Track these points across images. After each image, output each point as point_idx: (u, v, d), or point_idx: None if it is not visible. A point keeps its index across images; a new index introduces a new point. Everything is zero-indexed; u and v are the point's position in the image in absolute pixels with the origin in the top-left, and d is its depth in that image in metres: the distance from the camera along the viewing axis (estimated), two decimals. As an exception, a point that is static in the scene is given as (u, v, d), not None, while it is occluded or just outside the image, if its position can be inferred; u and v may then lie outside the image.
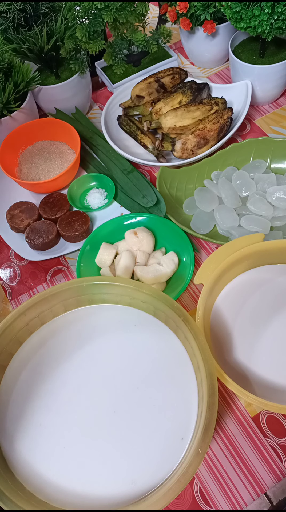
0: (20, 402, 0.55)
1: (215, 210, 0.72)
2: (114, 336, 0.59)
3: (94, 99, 0.97)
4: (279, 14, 0.69)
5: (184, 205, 0.76)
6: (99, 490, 0.49)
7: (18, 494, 0.47)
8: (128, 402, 0.54)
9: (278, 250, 0.62)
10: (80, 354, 0.58)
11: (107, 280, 0.58)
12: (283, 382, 0.56)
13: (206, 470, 0.56)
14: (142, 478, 0.49)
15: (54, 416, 0.54)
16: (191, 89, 0.83)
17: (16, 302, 0.73)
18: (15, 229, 0.76)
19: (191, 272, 0.67)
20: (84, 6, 0.78)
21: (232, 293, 0.64)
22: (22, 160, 0.82)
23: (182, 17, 0.84)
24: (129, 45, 0.89)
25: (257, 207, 0.70)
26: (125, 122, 0.85)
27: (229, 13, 0.74)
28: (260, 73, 0.81)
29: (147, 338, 0.58)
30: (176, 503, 0.55)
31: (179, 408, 0.53)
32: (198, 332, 0.52)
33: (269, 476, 0.55)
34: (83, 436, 0.53)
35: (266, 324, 0.61)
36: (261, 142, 0.77)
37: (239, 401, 0.60)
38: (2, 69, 0.76)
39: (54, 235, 0.73)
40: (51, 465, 0.51)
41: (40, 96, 0.86)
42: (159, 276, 0.67)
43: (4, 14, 0.78)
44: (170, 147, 0.79)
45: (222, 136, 0.78)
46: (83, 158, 0.84)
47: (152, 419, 0.53)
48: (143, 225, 0.73)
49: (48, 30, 0.79)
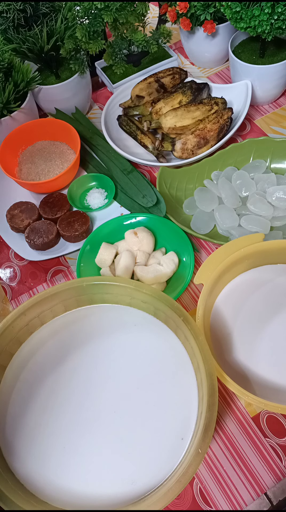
0: (20, 402, 0.55)
1: (215, 210, 0.72)
2: (114, 336, 0.59)
3: (94, 99, 0.97)
4: (279, 14, 0.69)
5: (184, 205, 0.76)
6: (99, 490, 0.49)
7: (18, 494, 0.47)
8: (128, 402, 0.54)
9: (278, 250, 0.62)
10: (80, 354, 0.58)
11: (107, 280, 0.58)
12: (283, 382, 0.56)
13: (206, 470, 0.56)
14: (142, 478, 0.49)
15: (54, 416, 0.54)
16: (191, 89, 0.83)
17: (16, 302, 0.73)
18: (15, 229, 0.76)
19: (191, 272, 0.67)
20: (84, 6, 0.78)
21: (232, 293, 0.64)
22: (22, 160, 0.82)
23: (182, 17, 0.84)
24: (129, 45, 0.89)
25: (257, 207, 0.70)
26: (125, 122, 0.85)
27: (229, 13, 0.74)
28: (260, 73, 0.81)
29: (147, 338, 0.58)
30: (176, 503, 0.55)
31: (179, 408, 0.53)
32: (198, 332, 0.52)
33: (269, 476, 0.55)
34: (83, 436, 0.53)
35: (266, 324, 0.61)
36: (261, 142, 0.77)
37: (239, 401, 0.60)
38: (2, 69, 0.76)
39: (54, 235, 0.73)
40: (51, 465, 0.51)
41: (40, 96, 0.86)
42: (159, 276, 0.67)
43: (4, 14, 0.78)
44: (170, 147, 0.79)
45: (222, 136, 0.78)
46: (83, 158, 0.84)
47: (152, 419, 0.53)
48: (143, 225, 0.73)
49: (48, 30, 0.79)
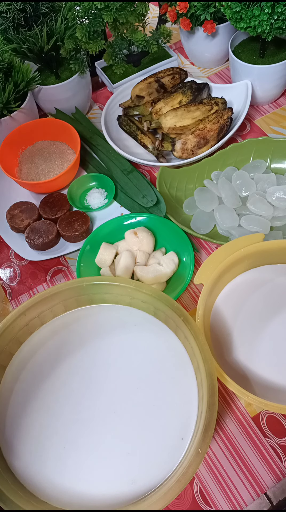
0: (20, 402, 0.55)
1: (215, 210, 0.72)
2: (114, 336, 0.59)
3: (94, 99, 0.97)
4: (279, 14, 0.69)
5: (184, 205, 0.76)
6: (99, 490, 0.49)
7: (18, 494, 0.47)
8: (128, 402, 0.54)
9: (278, 250, 0.62)
10: (80, 354, 0.58)
11: (107, 280, 0.58)
12: (283, 382, 0.56)
13: (206, 470, 0.56)
14: (142, 478, 0.49)
15: (54, 416, 0.54)
16: (191, 89, 0.83)
17: (16, 302, 0.73)
18: (15, 229, 0.76)
19: (191, 272, 0.67)
20: (84, 6, 0.78)
21: (232, 293, 0.64)
22: (22, 160, 0.82)
23: (182, 17, 0.84)
24: (129, 45, 0.89)
25: (257, 207, 0.70)
26: (125, 122, 0.85)
27: (229, 13, 0.74)
28: (260, 73, 0.81)
29: (147, 338, 0.58)
30: (176, 503, 0.55)
31: (179, 408, 0.53)
32: (198, 332, 0.52)
33: (269, 476, 0.55)
34: (83, 436, 0.53)
35: (266, 324, 0.61)
36: (261, 142, 0.77)
37: (239, 401, 0.60)
38: (2, 69, 0.76)
39: (54, 235, 0.73)
40: (51, 465, 0.51)
41: (40, 96, 0.86)
42: (159, 276, 0.67)
43: (4, 14, 0.78)
44: (170, 147, 0.79)
45: (222, 136, 0.78)
46: (83, 158, 0.84)
47: (152, 419, 0.53)
48: (143, 225, 0.73)
49: (48, 30, 0.79)
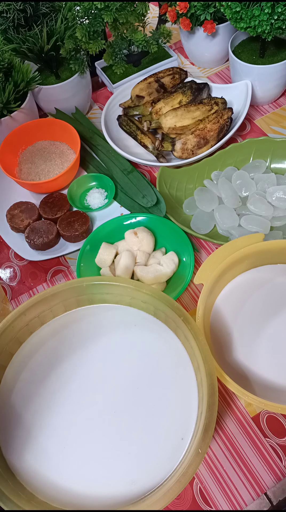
0: (20, 402, 0.55)
1: (215, 210, 0.72)
2: (114, 336, 0.59)
3: (94, 99, 0.97)
4: (279, 14, 0.69)
5: (184, 205, 0.76)
6: (99, 490, 0.49)
7: (18, 494, 0.47)
8: (128, 402, 0.54)
9: (278, 250, 0.62)
10: (80, 354, 0.58)
11: (107, 280, 0.58)
12: (283, 382, 0.56)
13: (206, 470, 0.56)
14: (142, 478, 0.50)
15: (54, 416, 0.54)
16: (191, 89, 0.83)
17: (16, 302, 0.73)
18: (15, 229, 0.76)
19: (191, 272, 0.67)
20: (84, 6, 0.78)
21: (232, 293, 0.64)
22: (22, 160, 0.82)
23: (182, 17, 0.84)
24: (129, 45, 0.89)
25: (257, 207, 0.70)
26: (125, 122, 0.85)
27: (229, 13, 0.74)
28: (260, 73, 0.81)
29: (147, 338, 0.58)
30: (176, 503, 0.55)
31: (179, 408, 0.53)
32: (198, 332, 0.52)
33: (269, 476, 0.55)
34: (83, 436, 0.53)
35: (266, 324, 0.61)
36: (261, 142, 0.77)
37: (239, 401, 0.60)
38: (2, 69, 0.76)
39: (54, 235, 0.73)
40: (51, 465, 0.51)
41: (40, 96, 0.86)
42: (159, 276, 0.67)
43: (4, 14, 0.78)
44: (170, 147, 0.79)
45: (222, 136, 0.78)
46: (83, 158, 0.84)
47: (152, 419, 0.53)
48: (143, 225, 0.73)
49: (48, 30, 0.79)
